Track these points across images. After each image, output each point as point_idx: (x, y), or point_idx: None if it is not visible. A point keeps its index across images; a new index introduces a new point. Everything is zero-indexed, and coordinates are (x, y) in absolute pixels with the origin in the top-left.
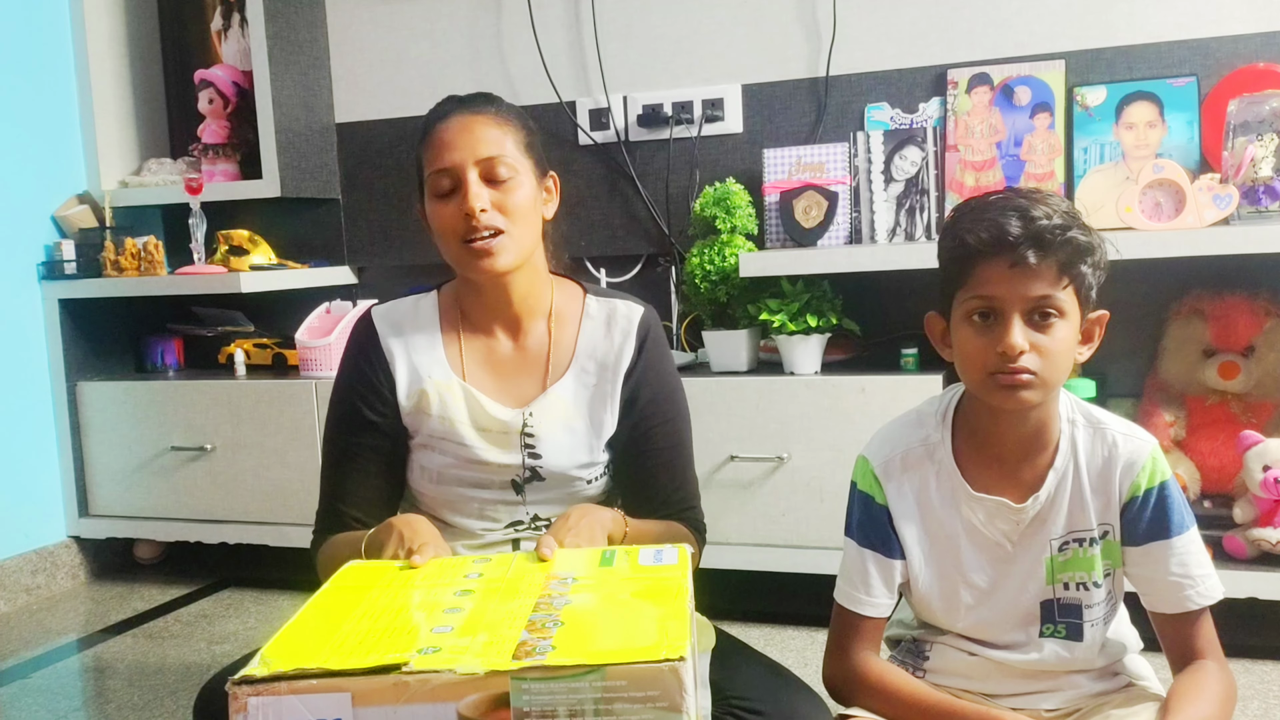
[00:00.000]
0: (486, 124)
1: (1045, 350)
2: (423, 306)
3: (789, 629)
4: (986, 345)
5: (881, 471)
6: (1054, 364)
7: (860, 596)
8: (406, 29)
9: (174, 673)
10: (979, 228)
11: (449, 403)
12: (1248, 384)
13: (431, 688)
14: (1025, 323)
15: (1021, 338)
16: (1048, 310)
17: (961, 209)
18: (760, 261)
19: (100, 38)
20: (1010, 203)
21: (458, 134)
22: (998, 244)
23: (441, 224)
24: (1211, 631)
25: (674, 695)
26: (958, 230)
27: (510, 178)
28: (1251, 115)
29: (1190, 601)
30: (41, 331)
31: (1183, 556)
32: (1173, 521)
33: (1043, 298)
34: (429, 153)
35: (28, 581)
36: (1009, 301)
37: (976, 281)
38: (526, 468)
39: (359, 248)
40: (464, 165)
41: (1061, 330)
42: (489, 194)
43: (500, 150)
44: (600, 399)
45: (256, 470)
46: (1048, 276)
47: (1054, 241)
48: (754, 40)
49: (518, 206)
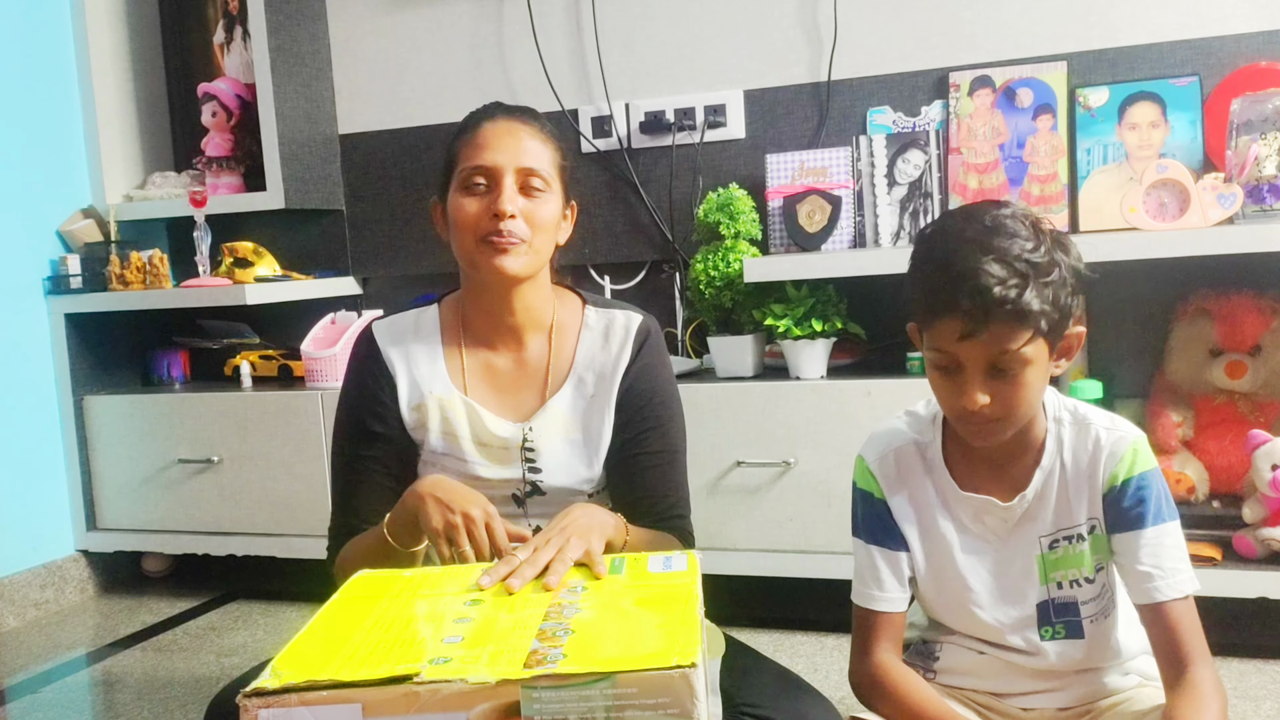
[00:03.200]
0: (532, 135)
1: (1009, 397)
2: (424, 320)
3: (798, 634)
4: (950, 392)
5: (877, 468)
6: (1021, 404)
7: (874, 593)
8: (408, 39)
9: (183, 685)
10: (936, 287)
11: (451, 417)
12: (1255, 383)
13: (442, 697)
14: (987, 375)
15: (982, 391)
16: (1009, 363)
17: (929, 243)
18: (764, 266)
19: (103, 52)
20: (965, 262)
21: (504, 136)
22: (947, 311)
23: (464, 216)
24: (1196, 629)
25: (685, 702)
26: (917, 279)
27: (543, 192)
28: (1255, 114)
29: (1158, 593)
30: (48, 346)
31: (1154, 548)
32: (1148, 512)
33: (1001, 354)
34: (468, 148)
35: (36, 596)
36: (967, 359)
37: (935, 335)
38: (527, 482)
39: (363, 258)
40: (504, 168)
41: (1027, 375)
42: (522, 202)
43: (540, 163)
44: (598, 409)
45: (264, 482)
46: (1003, 337)
47: (1005, 311)
48: (755, 46)
49: (543, 220)
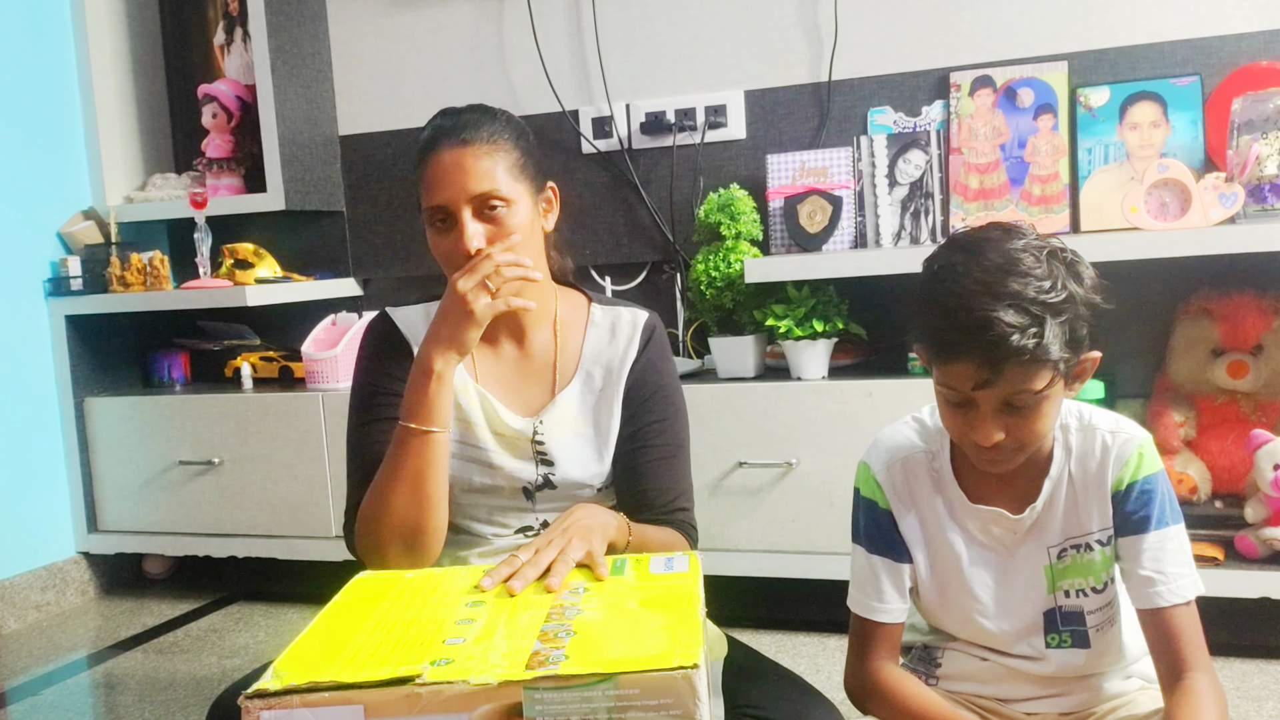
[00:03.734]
0: (477, 156)
1: (1024, 432)
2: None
3: (800, 635)
4: (963, 425)
5: (882, 476)
6: (1037, 436)
7: (873, 604)
8: (408, 40)
9: (185, 688)
10: (947, 333)
11: (464, 404)
12: (1257, 383)
13: (444, 699)
14: (1000, 412)
15: (996, 429)
16: (1024, 402)
17: (937, 282)
18: (765, 267)
19: (103, 53)
20: (978, 309)
21: (449, 171)
22: (964, 356)
23: (440, 256)
24: (1196, 634)
25: (687, 703)
26: (926, 321)
27: (506, 205)
28: (1256, 113)
29: (1159, 598)
30: (48, 348)
31: (1157, 553)
32: (1152, 516)
33: (1014, 393)
34: (422, 185)
35: (37, 598)
36: (981, 400)
37: (947, 375)
38: (540, 475)
39: (364, 259)
40: (457, 203)
41: (1041, 407)
42: (484, 230)
43: (492, 185)
44: (606, 402)
45: (265, 483)
46: (1020, 380)
47: (1022, 361)
48: (756, 46)
49: (514, 229)
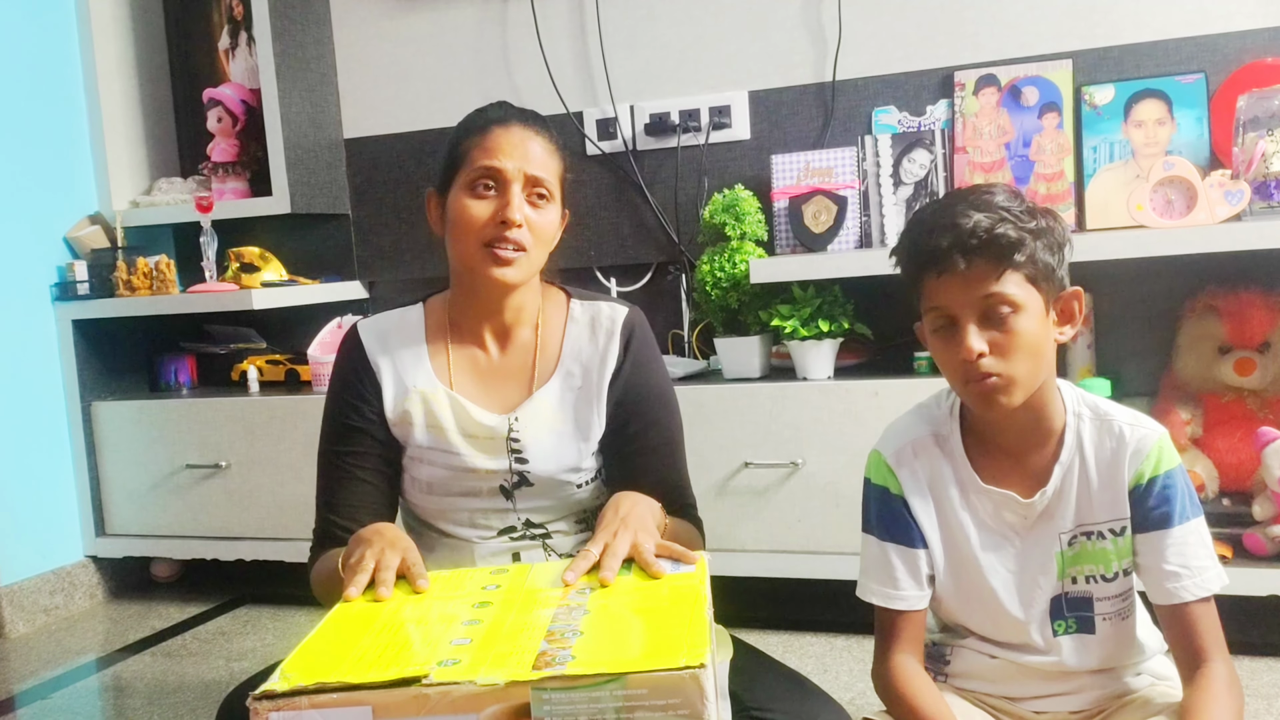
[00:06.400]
0: (544, 144)
1: (1005, 347)
2: (409, 318)
3: (807, 635)
4: (951, 354)
5: (894, 461)
6: (1020, 358)
7: (889, 592)
8: (412, 43)
9: (193, 690)
10: (913, 245)
11: (435, 410)
12: (1264, 380)
13: (452, 699)
14: (981, 326)
15: (977, 340)
16: (999, 308)
17: (908, 226)
18: (770, 267)
19: (109, 58)
20: (941, 216)
21: (518, 143)
22: (931, 258)
23: (469, 218)
24: (1215, 626)
25: (695, 703)
26: (899, 250)
27: (548, 201)
28: (1261, 110)
29: (1185, 592)
30: (55, 352)
31: (1181, 547)
32: (1174, 511)
33: (988, 296)
34: (478, 149)
35: (46, 602)
36: (958, 308)
37: (927, 295)
38: (514, 472)
39: (369, 262)
40: (514, 174)
41: (1021, 322)
42: (527, 210)
43: (547, 173)
44: (586, 401)
45: (272, 486)
46: (987, 276)
47: (979, 244)
48: (760, 47)
49: (544, 230)
